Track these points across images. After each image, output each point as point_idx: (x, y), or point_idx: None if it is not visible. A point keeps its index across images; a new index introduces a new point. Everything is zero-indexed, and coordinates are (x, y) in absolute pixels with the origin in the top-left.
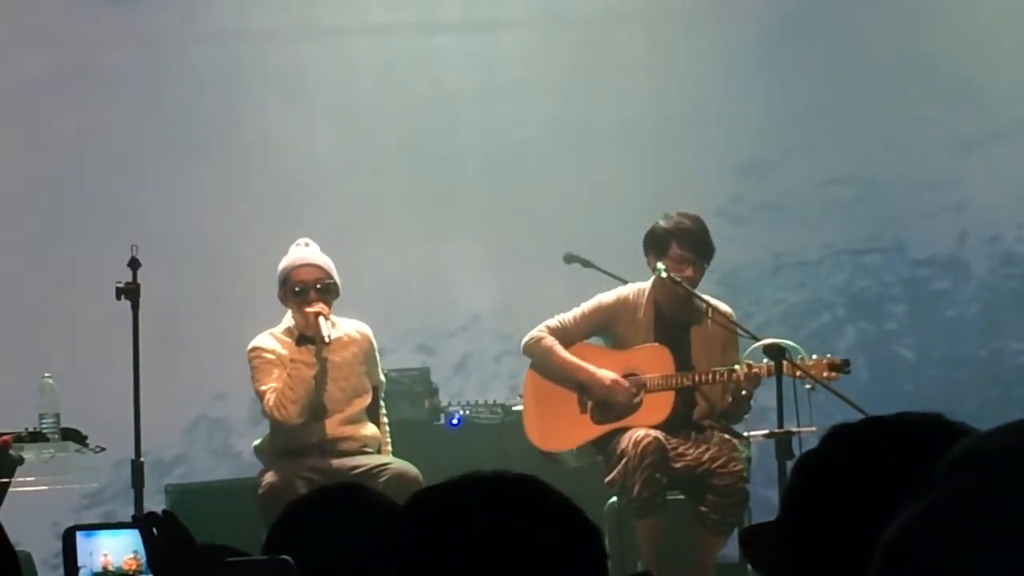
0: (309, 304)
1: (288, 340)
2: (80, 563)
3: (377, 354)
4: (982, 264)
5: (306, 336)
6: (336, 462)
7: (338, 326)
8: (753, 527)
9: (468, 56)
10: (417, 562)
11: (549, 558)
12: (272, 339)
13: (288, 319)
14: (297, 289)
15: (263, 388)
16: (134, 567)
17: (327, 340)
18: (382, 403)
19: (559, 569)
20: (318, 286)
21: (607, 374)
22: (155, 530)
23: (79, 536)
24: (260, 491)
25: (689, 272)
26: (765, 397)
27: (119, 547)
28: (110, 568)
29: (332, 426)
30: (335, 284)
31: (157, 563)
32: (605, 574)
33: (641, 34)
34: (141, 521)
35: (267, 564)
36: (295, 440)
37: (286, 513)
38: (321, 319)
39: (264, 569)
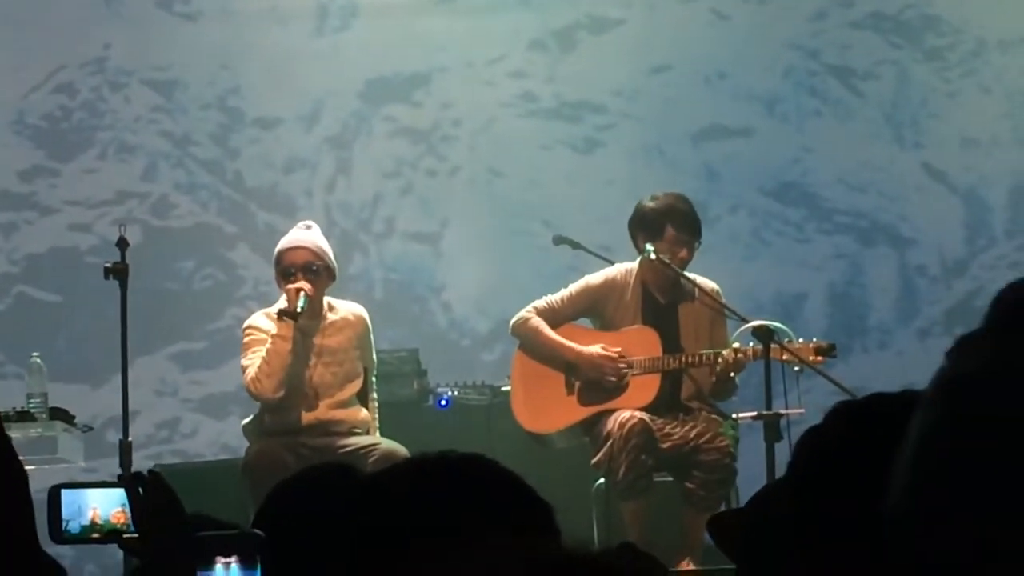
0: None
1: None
2: (67, 516)
3: (372, 336)
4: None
5: (286, 311)
6: (325, 441)
7: (336, 309)
8: (721, 514)
9: (456, 38)
10: (369, 544)
11: (498, 535)
12: (265, 318)
13: (282, 300)
14: (289, 271)
15: (245, 363)
16: (122, 520)
17: (299, 311)
18: (373, 382)
19: (510, 545)
20: (313, 268)
21: (594, 348)
22: (141, 490)
23: (64, 492)
24: (245, 460)
25: (684, 253)
26: (755, 380)
27: (108, 501)
28: (98, 521)
29: (323, 410)
30: (327, 267)
31: (143, 522)
32: (558, 550)
33: (630, 15)
34: (128, 481)
35: (238, 536)
36: (283, 421)
37: (273, 494)
38: (302, 295)
39: (234, 540)
